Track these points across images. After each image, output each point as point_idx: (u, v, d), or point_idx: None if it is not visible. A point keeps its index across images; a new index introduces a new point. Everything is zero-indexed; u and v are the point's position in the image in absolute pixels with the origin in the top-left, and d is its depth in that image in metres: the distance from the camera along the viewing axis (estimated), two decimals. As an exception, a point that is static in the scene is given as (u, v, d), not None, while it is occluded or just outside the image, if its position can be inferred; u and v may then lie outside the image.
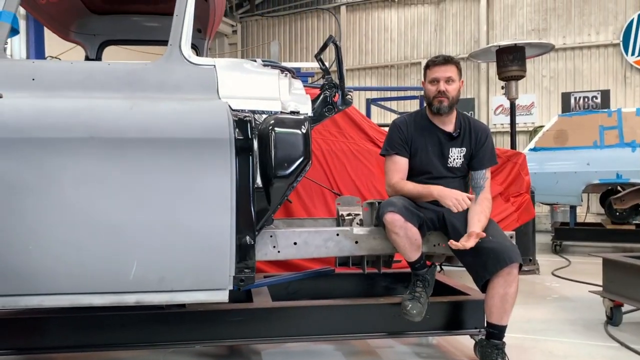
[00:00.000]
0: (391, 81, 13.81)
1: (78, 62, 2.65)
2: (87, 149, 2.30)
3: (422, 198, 2.91)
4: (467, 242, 2.67)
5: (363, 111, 9.49)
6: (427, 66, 3.03)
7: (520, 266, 2.73)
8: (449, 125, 3.03)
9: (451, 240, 2.74)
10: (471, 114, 12.82)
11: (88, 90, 2.45)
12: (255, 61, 2.80)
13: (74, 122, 2.33)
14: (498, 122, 12.72)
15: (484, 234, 2.71)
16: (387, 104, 10.74)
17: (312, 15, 14.75)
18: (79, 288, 2.34)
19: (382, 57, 14.03)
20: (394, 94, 11.68)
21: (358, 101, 12.40)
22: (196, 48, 3.83)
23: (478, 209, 2.86)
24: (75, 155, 2.29)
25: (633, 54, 11.62)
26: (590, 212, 10.38)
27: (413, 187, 2.94)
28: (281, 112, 2.61)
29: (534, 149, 8.06)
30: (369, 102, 9.64)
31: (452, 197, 2.78)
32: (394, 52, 13.91)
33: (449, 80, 2.95)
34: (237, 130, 2.42)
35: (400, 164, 3.05)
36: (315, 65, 3.03)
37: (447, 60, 2.97)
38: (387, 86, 13.50)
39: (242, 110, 2.51)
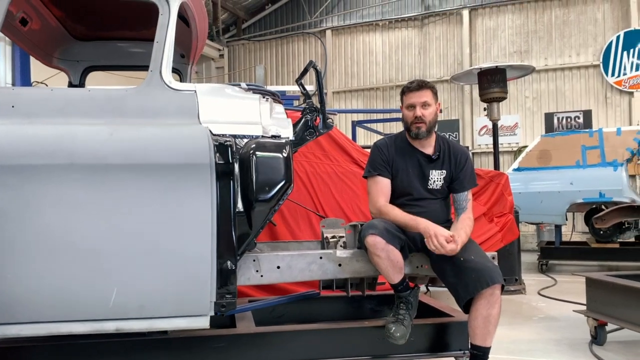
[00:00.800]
0: (377, 103, 13.95)
1: (58, 88, 2.65)
2: (67, 176, 2.29)
3: (408, 228, 2.90)
4: (447, 245, 2.70)
5: (349, 133, 9.55)
6: (403, 92, 3.07)
7: (503, 287, 2.74)
8: (428, 148, 3.06)
9: (427, 241, 2.76)
10: (456, 135, 12.96)
11: (68, 117, 2.45)
12: (239, 85, 2.82)
13: (55, 149, 2.32)
14: (482, 142, 12.85)
15: (458, 247, 2.73)
16: (373, 126, 10.82)
17: (299, 39, 14.93)
18: (59, 316, 2.31)
19: (367, 79, 14.19)
20: (380, 116, 11.78)
21: (344, 123, 12.50)
22: (180, 73, 3.85)
23: (459, 226, 2.89)
24: (55, 182, 2.28)
25: (613, 74, 11.86)
26: (575, 230, 10.47)
27: (401, 216, 2.91)
28: (262, 136, 2.62)
29: (518, 169, 8.15)
30: (355, 125, 9.71)
31: (432, 230, 2.77)
32: (379, 74, 14.07)
33: (424, 105, 2.99)
34: (217, 154, 2.43)
35: (383, 185, 3.06)
36: (301, 88, 3.06)
37: (421, 86, 3.01)
38: (372, 108, 13.64)
39: (223, 135, 2.52)
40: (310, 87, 3.10)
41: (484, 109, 6.81)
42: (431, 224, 2.82)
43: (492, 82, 6.41)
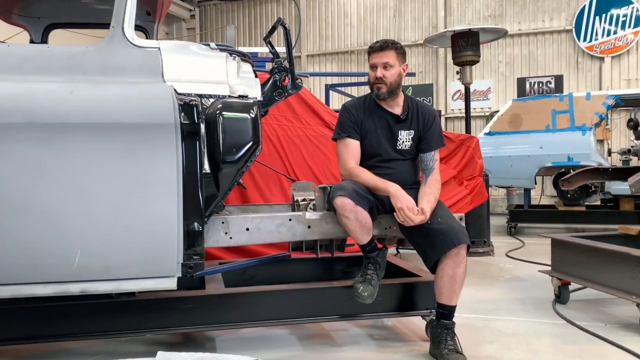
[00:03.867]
0: (351, 67, 13.82)
1: (15, 45, 2.55)
2: (25, 135, 2.22)
3: (378, 191, 2.90)
4: (415, 217, 2.72)
5: (322, 97, 9.47)
6: (368, 52, 3.04)
7: (468, 247, 2.77)
8: (396, 108, 3.05)
9: (396, 213, 2.77)
10: (430, 99, 12.97)
11: (26, 74, 2.37)
12: (209, 45, 2.75)
13: (12, 107, 2.24)
14: (456, 107, 12.89)
15: (427, 217, 2.75)
16: (347, 89, 10.74)
17: (272, 0, 14.62)
18: (21, 278, 2.27)
19: (342, 42, 14.02)
20: (354, 79, 11.69)
21: (318, 87, 12.39)
22: (146, 31, 3.74)
23: (427, 191, 2.90)
24: (13, 142, 2.21)
25: (585, 39, 11.93)
26: (544, 194, 10.67)
27: (370, 178, 2.91)
28: (229, 96, 2.57)
29: (489, 134, 8.22)
30: (328, 88, 9.61)
31: (404, 202, 2.76)
32: (353, 37, 13.91)
33: (386, 65, 2.96)
34: (182, 114, 2.38)
35: (353, 147, 3.05)
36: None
37: (383, 47, 2.97)
38: (346, 72, 13.51)
39: (189, 94, 2.47)
40: (282, 50, 3.02)
41: (457, 72, 6.79)
42: (400, 190, 2.82)
43: (465, 45, 6.38)
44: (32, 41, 3.64)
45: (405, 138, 3.03)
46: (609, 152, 10.31)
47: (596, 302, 3.98)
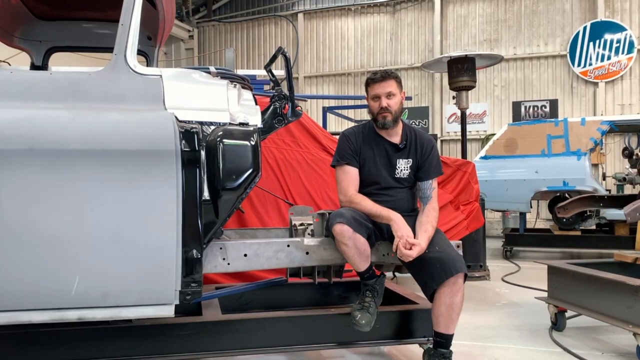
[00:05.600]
0: (348, 89, 13.92)
1: (18, 71, 2.56)
2: (27, 161, 2.23)
3: (380, 219, 2.92)
4: (410, 252, 2.72)
5: (320, 119, 9.53)
6: (367, 83, 3.08)
7: (466, 275, 2.78)
8: (395, 137, 3.08)
9: (397, 245, 2.77)
10: (425, 122, 13.05)
11: (29, 101, 2.37)
12: (208, 69, 2.77)
13: (14, 134, 2.25)
14: (451, 130, 12.98)
15: (424, 248, 2.76)
16: (344, 112, 10.80)
17: (270, 21, 14.77)
18: (18, 304, 2.26)
19: (339, 65, 14.14)
20: (351, 102, 11.77)
21: (316, 109, 12.46)
22: (146, 55, 3.77)
23: (425, 220, 2.91)
24: (14, 168, 2.21)
25: (579, 64, 12.07)
26: (540, 218, 10.69)
27: (373, 207, 2.92)
28: (230, 124, 2.59)
29: (485, 157, 8.26)
30: (326, 111, 9.67)
31: (404, 232, 2.79)
32: (350, 60, 14.03)
33: (389, 95, 3.01)
34: (183, 142, 2.39)
35: (352, 175, 3.07)
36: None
37: (384, 77, 3.02)
38: (343, 95, 13.60)
39: (189, 122, 2.48)
40: (281, 72, 3.06)
41: (453, 97, 6.85)
42: (402, 220, 2.84)
43: (461, 71, 6.45)
44: (33, 64, 3.67)
45: (403, 167, 3.06)
46: (604, 177, 10.37)
47: (593, 329, 3.98)
